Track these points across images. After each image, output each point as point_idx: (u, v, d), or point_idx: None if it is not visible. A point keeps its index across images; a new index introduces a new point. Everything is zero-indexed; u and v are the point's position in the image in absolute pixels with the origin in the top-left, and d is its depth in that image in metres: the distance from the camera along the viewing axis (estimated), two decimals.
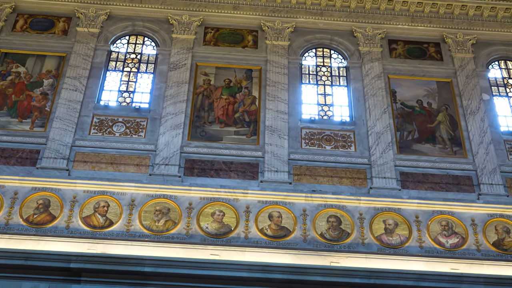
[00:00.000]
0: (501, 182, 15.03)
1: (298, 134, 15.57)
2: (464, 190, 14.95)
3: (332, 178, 14.86)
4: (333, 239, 13.83)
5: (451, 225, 14.23)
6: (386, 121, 15.85)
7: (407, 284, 13.00)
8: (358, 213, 14.23)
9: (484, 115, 16.22)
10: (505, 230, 14.24)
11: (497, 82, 17.36)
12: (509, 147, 15.79)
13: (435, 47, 17.63)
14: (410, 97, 16.54)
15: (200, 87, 16.28)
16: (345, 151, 15.37)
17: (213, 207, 14.04)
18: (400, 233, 14.05)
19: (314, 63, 17.34)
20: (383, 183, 14.79)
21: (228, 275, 12.80)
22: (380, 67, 16.88)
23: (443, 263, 13.62)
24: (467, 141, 15.78)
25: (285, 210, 14.12)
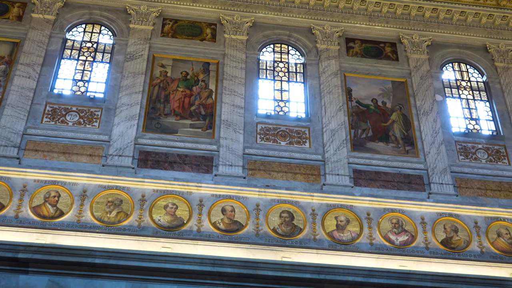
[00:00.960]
0: (451, 182, 15.32)
1: (253, 129, 15.59)
2: (415, 189, 15.20)
3: (286, 174, 14.93)
4: (285, 234, 13.90)
5: (401, 223, 14.44)
6: (341, 118, 16.00)
7: (356, 280, 13.15)
8: (310, 209, 14.33)
9: (436, 115, 16.50)
10: (454, 229, 14.53)
11: (450, 84, 17.68)
12: (459, 148, 16.11)
13: (391, 47, 17.85)
14: (366, 95, 16.73)
15: (156, 78, 16.16)
16: (300, 147, 15.46)
17: (166, 200, 13.97)
18: (352, 229, 14.20)
19: (271, 59, 17.38)
20: (336, 180, 14.93)
21: (180, 268, 12.76)
22: (337, 65, 17.02)
23: (392, 260, 13.82)
24: (420, 140, 16.04)
25: (238, 204, 14.13)
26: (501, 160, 16.04)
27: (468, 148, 16.14)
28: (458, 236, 14.46)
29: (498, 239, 14.54)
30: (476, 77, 17.93)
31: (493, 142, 16.35)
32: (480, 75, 17.92)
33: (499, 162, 15.98)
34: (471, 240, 14.42)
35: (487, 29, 18.37)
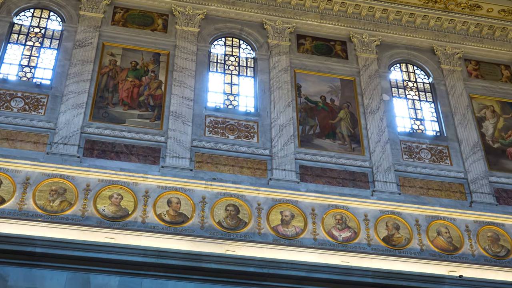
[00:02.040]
0: (395, 181, 15.61)
1: (202, 122, 15.56)
2: (359, 186, 15.43)
3: (233, 167, 14.97)
4: (230, 227, 13.94)
5: (345, 219, 14.65)
6: (289, 114, 16.10)
7: (299, 275, 13.27)
8: (256, 203, 14.41)
9: (383, 115, 16.77)
10: (395, 226, 14.81)
11: (397, 84, 17.99)
12: (404, 147, 16.41)
13: (342, 46, 18.05)
14: (314, 92, 16.88)
15: (105, 67, 15.96)
16: (248, 141, 15.51)
17: (112, 190, 13.83)
18: (296, 224, 14.33)
19: (222, 52, 17.37)
20: (283, 175, 15.03)
21: (123, 259, 12.64)
22: (287, 61, 17.12)
23: (335, 255, 14.00)
24: (366, 139, 16.27)
25: (184, 196, 14.10)
26: (444, 161, 16.41)
27: (412, 148, 16.46)
28: (400, 234, 14.74)
29: (438, 237, 14.89)
30: (423, 78, 18.30)
31: (437, 142, 16.72)
32: (427, 76, 18.29)
33: (442, 163, 16.35)
34: (412, 238, 14.72)
35: (434, 32, 18.75)
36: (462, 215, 15.34)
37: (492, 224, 15.38)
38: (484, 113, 17.72)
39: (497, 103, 18.04)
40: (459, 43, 18.72)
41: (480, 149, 16.75)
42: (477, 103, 17.86)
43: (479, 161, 16.46)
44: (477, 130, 17.18)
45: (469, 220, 15.31)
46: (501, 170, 16.58)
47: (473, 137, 16.91)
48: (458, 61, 18.42)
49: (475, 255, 14.80)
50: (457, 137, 16.88)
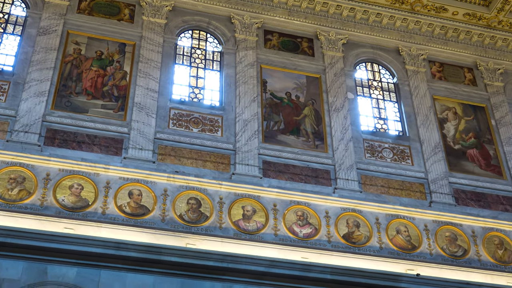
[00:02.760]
0: (356, 179, 15.73)
1: (166, 114, 15.46)
2: (321, 183, 15.51)
3: (196, 161, 14.91)
4: (191, 221, 13.90)
5: (306, 215, 14.72)
6: (254, 109, 16.10)
7: (259, 270, 13.29)
8: (218, 197, 14.39)
9: (347, 113, 16.88)
10: (356, 224, 14.93)
11: (362, 83, 18.12)
12: (367, 146, 16.55)
13: (308, 43, 18.11)
14: (280, 88, 16.90)
15: (69, 56, 15.75)
16: (212, 135, 15.46)
17: (72, 180, 13.67)
18: (257, 220, 14.35)
19: (189, 45, 17.27)
20: (246, 170, 15.03)
21: (82, 250, 12.51)
22: (254, 56, 17.11)
23: (295, 251, 14.06)
24: (329, 136, 16.36)
25: (146, 188, 14.01)
26: (405, 160, 16.59)
27: (375, 147, 16.60)
28: (360, 231, 14.87)
29: (397, 236, 15.06)
30: (387, 78, 18.46)
31: (399, 142, 16.90)
32: (391, 76, 18.46)
33: (403, 162, 16.52)
34: (371, 236, 14.87)
35: (400, 33, 18.93)
36: (421, 215, 15.54)
37: (450, 224, 15.61)
38: (446, 114, 17.96)
39: (459, 105, 18.30)
40: (424, 45, 18.93)
41: (441, 150, 16.98)
42: (440, 105, 18.10)
43: (440, 161, 16.69)
44: (439, 131, 17.41)
45: (428, 220, 15.51)
46: (460, 171, 16.83)
47: (434, 138, 17.13)
48: (422, 62, 18.64)
49: (433, 254, 15.01)
50: (419, 137, 17.08)
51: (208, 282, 13.04)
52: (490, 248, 15.54)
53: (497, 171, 17.17)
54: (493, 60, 19.33)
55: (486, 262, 15.25)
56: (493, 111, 18.37)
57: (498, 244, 15.66)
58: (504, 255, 15.51)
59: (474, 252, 15.34)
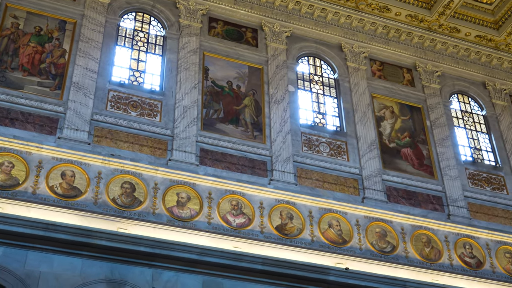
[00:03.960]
0: (292, 171, 15.85)
1: (105, 96, 15.20)
2: (258, 174, 15.56)
3: (133, 145, 14.73)
4: (124, 205, 13.73)
5: (240, 205, 14.75)
6: (194, 96, 15.99)
7: (190, 257, 13.25)
8: (153, 182, 14.26)
9: (287, 105, 16.96)
10: (289, 216, 15.05)
11: (303, 77, 18.23)
12: (304, 139, 16.68)
13: (253, 33, 18.09)
14: (222, 77, 16.84)
15: (7, 29, 15.27)
16: (150, 120, 15.29)
17: (3, 158, 13.29)
18: (192, 207, 14.29)
19: (132, 27, 17.00)
20: (183, 156, 14.93)
21: (9, 230, 12.18)
22: (197, 43, 16.98)
23: (227, 240, 14.07)
24: (268, 128, 16.41)
25: (79, 170, 13.76)
26: (341, 156, 16.81)
27: (312, 141, 16.75)
28: (293, 224, 15.00)
29: (328, 229, 15.26)
30: (329, 73, 18.63)
31: (336, 137, 17.10)
32: (332, 72, 18.64)
33: (339, 157, 16.73)
34: (304, 228, 15.02)
35: (344, 29, 19.13)
36: (353, 210, 15.79)
37: (381, 220, 15.92)
38: (384, 113, 18.27)
39: (396, 104, 18.64)
40: (366, 43, 19.18)
41: (376, 147, 17.27)
42: (378, 103, 18.39)
43: (375, 159, 16.97)
44: (375, 129, 17.70)
45: (360, 215, 15.77)
46: (394, 170, 17.16)
47: (371, 135, 17.40)
48: (363, 60, 18.88)
49: (363, 249, 15.28)
50: (356, 134, 17.32)
51: (138, 267, 12.92)
52: (418, 246, 15.92)
53: (429, 171, 17.59)
54: (431, 62, 19.76)
55: (413, 259, 15.62)
56: (428, 112, 18.78)
57: (425, 242, 16.06)
58: (430, 253, 15.92)
59: (402, 248, 15.68)
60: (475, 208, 17.43)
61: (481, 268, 16.22)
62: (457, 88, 19.95)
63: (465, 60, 20.28)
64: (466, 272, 15.93)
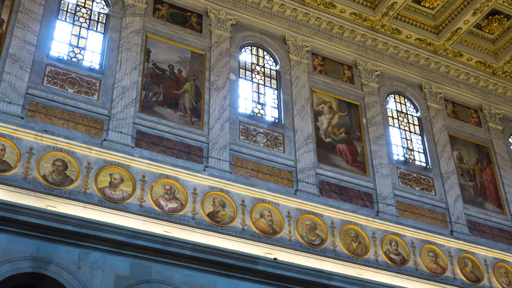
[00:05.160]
0: (228, 159, 15.87)
1: (42, 70, 14.84)
2: (193, 159, 15.52)
3: (67, 122, 14.45)
4: (55, 183, 13.48)
5: (174, 190, 14.69)
6: (134, 77, 15.80)
7: (120, 239, 13.15)
8: (86, 162, 14.05)
9: (227, 93, 16.96)
10: (222, 203, 15.09)
11: (245, 66, 18.25)
12: (242, 128, 16.72)
13: (198, 18, 17.97)
14: (163, 60, 16.68)
15: None
16: (88, 98, 15.02)
17: None
18: (124, 189, 14.16)
19: (75, 2, 16.62)
20: (118, 137, 14.75)
21: None
22: (141, 23, 16.75)
23: (158, 224, 14.01)
24: (207, 114, 16.37)
25: (10, 144, 13.42)
26: (277, 147, 16.94)
27: (250, 130, 16.81)
28: (225, 211, 15.05)
29: (260, 219, 15.38)
30: (271, 64, 18.71)
31: (274, 129, 17.21)
32: (275, 63, 18.72)
33: (275, 149, 16.86)
34: (235, 217, 15.09)
35: (289, 22, 19.22)
36: (286, 201, 15.95)
37: (312, 213, 16.14)
38: (322, 107, 18.49)
39: (335, 100, 18.88)
40: (309, 37, 19.33)
41: (312, 141, 17.47)
42: (317, 97, 18.59)
43: (310, 152, 17.17)
44: (313, 123, 17.90)
45: (292, 207, 15.95)
46: (328, 164, 17.41)
47: (308, 129, 17.59)
48: (306, 54, 19.04)
49: (292, 241, 15.46)
50: (294, 126, 17.47)
51: (65, 246, 12.75)
52: (346, 240, 16.23)
53: (361, 168, 17.92)
54: (372, 61, 20.09)
55: (341, 253, 15.92)
56: (365, 110, 19.11)
57: (353, 237, 16.38)
58: (357, 248, 16.25)
59: (330, 242, 15.95)
60: (404, 206, 17.88)
61: (405, 265, 16.67)
62: (394, 88, 20.36)
63: (404, 62, 20.71)
64: (390, 269, 16.34)
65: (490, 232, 18.97)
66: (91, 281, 12.68)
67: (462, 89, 21.50)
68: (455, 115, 21.10)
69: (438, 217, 18.25)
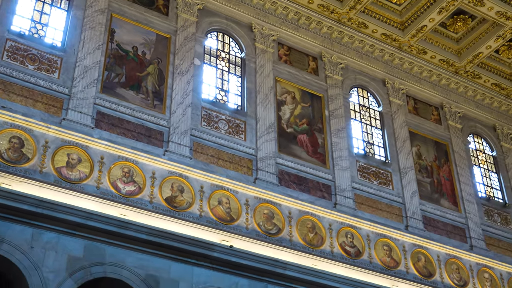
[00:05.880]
0: (189, 145, 15.79)
1: (1, 44, 14.50)
2: (153, 143, 15.39)
3: (26, 99, 14.18)
4: (11, 160, 13.23)
5: (132, 173, 14.56)
6: (97, 57, 15.56)
7: (75, 220, 13.01)
8: (44, 140, 13.81)
9: (191, 78, 16.84)
10: (180, 189, 15.01)
11: (210, 52, 18.13)
12: (204, 114, 16.63)
13: (164, 1, 17.76)
14: (128, 41, 16.46)
15: None
16: (48, 75, 14.75)
17: None
18: (82, 170, 13.97)
19: None
20: (78, 117, 14.54)
21: None
22: (106, 2, 16.46)
23: (115, 207, 13.87)
24: (169, 98, 16.24)
25: None
26: (239, 135, 16.90)
27: (212, 117, 16.74)
28: (183, 197, 14.97)
29: (218, 206, 15.35)
30: (236, 52, 18.62)
31: (236, 116, 17.16)
32: (240, 51, 18.64)
33: (237, 136, 16.82)
34: (193, 203, 15.03)
35: (256, 10, 19.13)
36: (245, 189, 15.95)
37: (270, 202, 16.17)
38: (285, 97, 18.50)
39: (298, 90, 18.91)
40: (276, 26, 19.29)
41: (274, 130, 17.48)
42: (281, 87, 18.59)
43: (271, 141, 17.18)
44: (275, 112, 17.90)
45: (250, 195, 15.95)
46: (288, 154, 17.45)
47: (270, 118, 17.59)
48: (272, 43, 19.00)
49: (249, 229, 15.48)
50: (256, 115, 17.45)
51: (19, 225, 12.54)
52: (303, 231, 16.30)
53: (321, 159, 18.00)
54: (337, 54, 20.16)
55: (297, 243, 15.99)
56: (328, 102, 19.19)
57: (310, 227, 16.47)
58: (314, 239, 16.35)
59: (287, 232, 16.01)
60: (361, 200, 18.04)
61: (359, 258, 16.83)
62: (358, 82, 20.49)
63: (369, 56, 20.84)
64: (345, 260, 16.49)
65: (444, 229, 19.28)
66: (43, 261, 12.50)
67: (424, 86, 21.75)
68: (416, 112, 21.34)
69: (394, 211, 18.47)
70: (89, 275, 12.91)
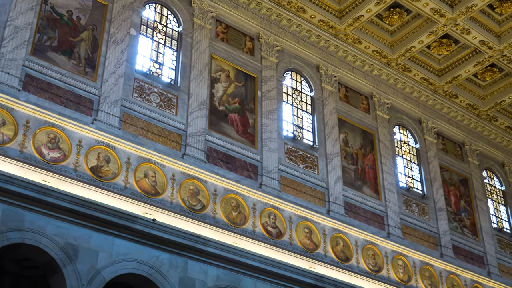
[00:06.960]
0: (118, 115, 15.61)
1: None
2: (82, 111, 15.16)
3: None
4: None
5: (58, 139, 14.31)
6: (30, 18, 15.13)
7: None
8: None
9: (125, 48, 16.61)
10: (106, 159, 14.87)
11: (147, 23, 17.91)
12: (137, 85, 16.46)
13: None
14: (62, 4, 16.06)
15: None
16: None
17: None
18: (5, 132, 13.64)
19: None
20: (5, 78, 14.15)
21: None
22: None
23: (38, 173, 13.64)
24: (102, 67, 15.98)
25: None
26: (170, 109, 16.83)
27: (144, 88, 16.59)
28: (109, 167, 14.84)
29: (143, 179, 15.30)
30: (173, 25, 18.46)
31: (169, 90, 17.07)
32: (177, 24, 18.48)
33: (168, 110, 16.74)
34: (119, 174, 14.93)
35: None
36: (172, 164, 15.94)
37: (196, 178, 16.22)
38: (219, 75, 18.51)
39: (233, 69, 18.94)
40: (215, 3, 19.17)
41: (206, 107, 17.48)
42: (216, 64, 18.58)
43: (202, 118, 17.19)
44: (208, 89, 17.89)
45: (177, 170, 15.96)
46: (218, 132, 17.50)
47: (202, 95, 17.57)
48: (210, 19, 18.91)
49: (173, 204, 15.50)
50: (189, 90, 17.40)
51: None
52: (227, 209, 16.45)
53: (250, 139, 18.15)
54: (274, 36, 20.26)
55: (220, 221, 16.13)
56: (262, 83, 19.30)
57: (234, 206, 16.63)
58: (237, 217, 16.52)
59: (211, 209, 16.12)
60: (286, 182, 18.32)
61: (280, 239, 17.14)
62: (292, 65, 20.68)
63: (305, 41, 21.03)
64: (266, 240, 16.75)
65: (364, 215, 19.82)
66: None
67: (356, 75, 22.16)
68: (346, 100, 21.73)
69: (317, 195, 18.85)
70: (6, 240, 12.68)
